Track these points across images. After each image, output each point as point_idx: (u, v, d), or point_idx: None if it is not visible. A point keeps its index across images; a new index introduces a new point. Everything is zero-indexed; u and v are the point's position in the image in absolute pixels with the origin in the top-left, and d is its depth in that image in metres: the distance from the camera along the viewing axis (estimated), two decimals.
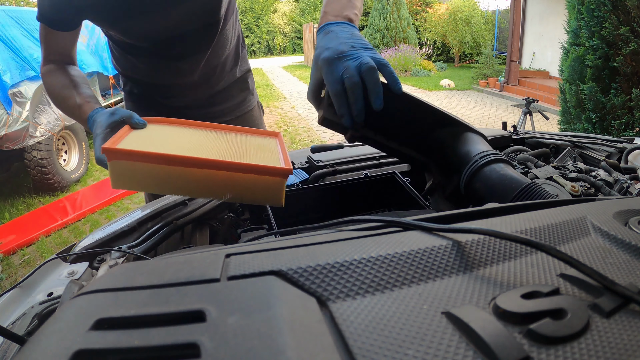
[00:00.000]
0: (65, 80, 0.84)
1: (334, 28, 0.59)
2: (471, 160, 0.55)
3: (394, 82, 0.55)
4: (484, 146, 0.58)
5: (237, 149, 0.64)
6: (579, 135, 1.03)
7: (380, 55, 0.55)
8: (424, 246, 0.27)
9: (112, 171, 0.55)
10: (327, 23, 0.60)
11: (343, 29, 0.58)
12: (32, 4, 9.89)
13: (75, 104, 0.79)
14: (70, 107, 0.80)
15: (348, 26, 0.59)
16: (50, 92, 0.85)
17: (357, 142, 0.60)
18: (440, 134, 0.60)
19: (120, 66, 1.00)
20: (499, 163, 0.54)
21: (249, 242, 0.46)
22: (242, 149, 0.65)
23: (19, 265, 2.50)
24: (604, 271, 0.26)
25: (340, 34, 0.57)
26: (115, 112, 0.68)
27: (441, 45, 12.93)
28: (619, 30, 2.82)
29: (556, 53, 4.76)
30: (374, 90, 0.53)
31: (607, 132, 3.01)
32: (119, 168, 0.55)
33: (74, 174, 3.85)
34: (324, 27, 0.60)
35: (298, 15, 20.46)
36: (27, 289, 0.55)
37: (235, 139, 0.69)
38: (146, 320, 0.20)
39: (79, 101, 0.78)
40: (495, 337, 0.18)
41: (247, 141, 0.69)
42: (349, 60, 0.53)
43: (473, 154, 0.56)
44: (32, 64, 3.36)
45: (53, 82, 0.84)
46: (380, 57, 0.55)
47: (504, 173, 0.52)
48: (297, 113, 6.46)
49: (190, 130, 0.69)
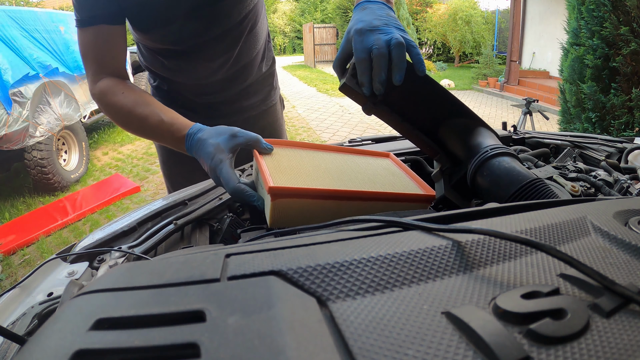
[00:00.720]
0: (138, 97, 0.75)
1: (371, 5, 0.60)
2: (481, 151, 0.56)
3: (419, 63, 0.57)
4: (495, 141, 0.59)
5: (369, 174, 0.64)
6: (579, 135, 1.03)
7: (411, 37, 0.57)
8: (424, 246, 0.27)
9: (274, 210, 0.52)
10: (365, 0, 0.62)
11: (379, 7, 0.60)
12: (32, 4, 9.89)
13: (160, 122, 0.71)
14: (153, 126, 0.73)
15: (384, 6, 0.61)
16: (117, 111, 0.76)
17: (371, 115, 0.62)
18: (454, 122, 0.62)
19: (148, 64, 0.98)
20: (508, 157, 0.55)
21: (249, 242, 0.46)
22: (373, 173, 0.65)
23: (19, 265, 2.50)
24: (604, 271, 0.26)
25: (376, 11, 0.59)
26: (237, 134, 0.63)
27: (441, 45, 12.93)
28: (619, 30, 2.82)
29: (556, 53, 4.76)
30: (398, 64, 0.54)
31: (607, 132, 3.01)
32: (281, 206, 0.52)
33: (74, 174, 3.85)
34: (362, 4, 0.61)
35: (298, 15, 20.46)
36: (27, 289, 0.55)
37: (356, 163, 0.68)
38: (146, 320, 0.20)
39: (167, 119, 0.71)
40: (495, 337, 0.18)
41: (370, 165, 0.69)
42: (380, 34, 0.55)
43: (484, 145, 0.57)
44: (32, 64, 3.36)
45: (121, 101, 0.75)
46: (411, 39, 0.56)
47: (511, 166, 0.53)
48: (297, 113, 6.46)
49: (310, 154, 0.68)
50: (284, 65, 14.43)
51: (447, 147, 0.63)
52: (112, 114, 0.77)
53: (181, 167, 1.08)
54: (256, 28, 0.97)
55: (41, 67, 3.48)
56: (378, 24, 0.56)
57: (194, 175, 0.92)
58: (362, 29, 0.56)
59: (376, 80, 0.55)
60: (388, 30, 0.56)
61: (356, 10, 0.62)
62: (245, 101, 1.07)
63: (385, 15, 0.59)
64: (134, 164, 4.34)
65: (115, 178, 3.87)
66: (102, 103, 0.77)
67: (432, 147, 0.63)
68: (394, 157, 0.76)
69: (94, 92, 0.78)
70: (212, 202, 0.71)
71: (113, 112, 0.77)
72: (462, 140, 0.60)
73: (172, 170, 1.12)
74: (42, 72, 3.46)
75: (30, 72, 3.28)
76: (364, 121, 5.72)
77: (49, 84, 3.51)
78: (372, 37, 0.55)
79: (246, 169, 0.87)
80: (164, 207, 0.71)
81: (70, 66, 4.04)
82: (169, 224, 0.65)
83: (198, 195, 0.76)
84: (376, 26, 0.56)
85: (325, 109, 6.68)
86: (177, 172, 1.09)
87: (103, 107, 0.78)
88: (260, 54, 1.05)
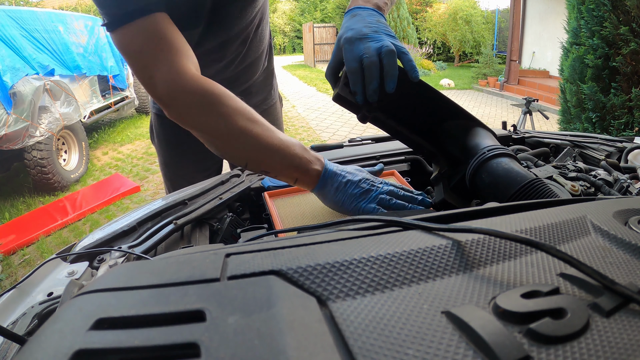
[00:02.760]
0: (247, 112, 0.62)
1: (361, 12, 0.60)
2: (479, 152, 0.56)
3: (412, 69, 0.56)
4: (493, 141, 0.59)
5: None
6: (578, 135, 1.03)
7: (402, 43, 0.57)
8: (423, 246, 0.27)
9: None
10: (356, 7, 0.61)
11: (370, 14, 0.60)
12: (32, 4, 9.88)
13: (288, 151, 0.60)
14: (278, 150, 0.60)
15: (375, 13, 0.60)
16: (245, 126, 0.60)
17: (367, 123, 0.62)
18: (451, 125, 0.61)
19: None
20: (506, 157, 0.55)
21: (248, 241, 0.46)
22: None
23: (19, 265, 2.50)
24: (604, 270, 0.26)
25: (366, 18, 0.59)
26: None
27: (441, 45, 12.92)
28: (619, 29, 2.82)
29: (556, 52, 4.76)
30: (390, 72, 0.54)
31: (607, 132, 3.01)
32: None
33: (74, 173, 3.85)
34: (352, 10, 0.61)
35: (298, 15, 20.45)
36: (27, 289, 0.55)
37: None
38: (146, 320, 0.20)
39: (299, 151, 0.61)
40: (495, 336, 0.18)
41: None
42: (370, 42, 0.55)
43: (481, 146, 0.57)
44: (32, 64, 3.36)
45: (246, 109, 0.61)
46: (402, 45, 0.56)
47: (510, 167, 0.53)
48: (297, 112, 6.46)
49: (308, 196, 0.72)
50: (284, 64, 14.42)
51: (445, 150, 0.63)
52: (231, 124, 0.59)
53: (184, 170, 1.08)
54: (262, 26, 0.97)
55: (41, 67, 3.48)
56: (367, 31, 0.56)
57: (195, 179, 0.92)
58: (351, 37, 0.55)
59: (369, 89, 0.54)
60: (378, 38, 0.55)
61: (347, 17, 0.61)
62: (248, 101, 1.07)
63: (376, 22, 0.58)
64: (134, 163, 4.34)
65: (115, 178, 3.87)
66: (209, 108, 0.59)
67: (430, 150, 0.63)
68: (398, 175, 0.77)
69: (187, 85, 0.59)
70: (212, 202, 0.71)
71: (234, 120, 0.59)
72: (460, 142, 0.60)
73: (173, 173, 1.11)
74: (41, 72, 3.46)
75: (30, 72, 3.28)
76: None
77: (48, 83, 3.51)
78: (362, 45, 0.54)
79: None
80: (164, 207, 0.71)
81: (70, 66, 4.04)
82: (169, 223, 0.65)
83: (198, 195, 0.76)
84: (366, 34, 0.55)
85: (325, 109, 6.68)
86: (180, 175, 1.09)
87: (210, 113, 0.59)
88: (265, 52, 1.05)
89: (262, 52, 1.03)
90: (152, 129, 1.10)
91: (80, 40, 4.41)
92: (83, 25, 4.60)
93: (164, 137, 1.06)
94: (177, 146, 1.05)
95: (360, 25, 0.57)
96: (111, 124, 5.79)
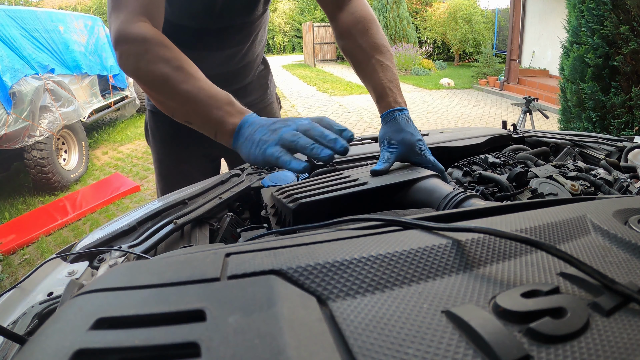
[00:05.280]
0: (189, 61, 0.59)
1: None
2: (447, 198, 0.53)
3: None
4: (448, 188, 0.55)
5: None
6: (578, 134, 1.03)
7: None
8: (423, 245, 0.27)
9: None
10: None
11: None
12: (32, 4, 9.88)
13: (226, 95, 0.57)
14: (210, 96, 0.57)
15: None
16: (156, 72, 0.58)
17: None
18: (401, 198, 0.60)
19: None
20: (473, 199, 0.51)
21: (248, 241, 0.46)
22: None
23: (19, 265, 2.50)
24: (604, 270, 0.26)
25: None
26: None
27: (441, 44, 12.92)
28: (619, 29, 2.82)
29: (556, 52, 4.75)
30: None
31: (607, 131, 3.01)
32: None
33: (74, 173, 3.85)
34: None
35: (298, 14, 20.43)
36: (27, 289, 0.55)
37: None
38: (146, 320, 0.20)
39: (222, 105, 0.57)
40: (495, 335, 0.18)
41: None
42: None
43: (443, 196, 0.54)
44: (32, 64, 3.36)
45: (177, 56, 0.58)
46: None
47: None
48: (297, 112, 6.46)
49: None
50: (284, 64, 14.40)
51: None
52: (153, 70, 0.58)
53: (179, 167, 1.08)
54: (264, 28, 1.00)
55: (41, 67, 3.48)
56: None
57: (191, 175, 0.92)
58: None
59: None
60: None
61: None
62: (243, 99, 1.08)
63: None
64: (133, 163, 4.34)
65: (115, 177, 3.86)
66: (138, 51, 0.58)
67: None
68: None
69: (127, 32, 0.59)
70: (211, 202, 0.71)
71: (157, 67, 0.57)
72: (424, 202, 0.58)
73: (167, 170, 1.11)
74: (41, 71, 3.46)
75: (30, 72, 3.28)
76: (363, 120, 5.71)
77: (48, 83, 3.50)
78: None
79: (246, 167, 0.87)
80: (164, 206, 0.71)
81: (70, 66, 4.04)
82: (169, 223, 0.65)
83: (198, 195, 0.76)
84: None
85: (324, 108, 6.68)
86: (175, 172, 1.09)
87: (139, 57, 0.59)
88: (261, 56, 1.09)
89: (259, 55, 1.06)
90: (146, 127, 1.11)
91: (80, 39, 4.41)
92: (83, 24, 4.60)
93: (159, 134, 1.07)
94: (171, 142, 1.06)
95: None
96: (111, 124, 5.79)
